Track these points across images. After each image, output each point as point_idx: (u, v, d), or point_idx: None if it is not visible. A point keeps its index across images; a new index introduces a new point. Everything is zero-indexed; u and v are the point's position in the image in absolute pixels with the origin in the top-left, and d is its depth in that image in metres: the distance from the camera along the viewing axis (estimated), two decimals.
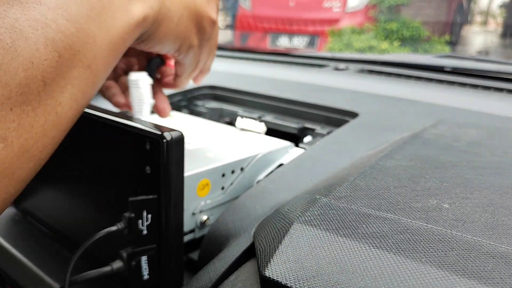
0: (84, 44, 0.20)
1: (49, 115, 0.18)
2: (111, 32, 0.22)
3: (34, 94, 0.17)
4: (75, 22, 0.20)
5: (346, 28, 3.15)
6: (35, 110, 0.17)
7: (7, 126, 0.16)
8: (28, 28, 0.17)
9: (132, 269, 0.27)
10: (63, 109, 0.19)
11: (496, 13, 3.58)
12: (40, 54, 0.17)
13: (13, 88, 0.16)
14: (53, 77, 0.18)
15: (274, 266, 0.19)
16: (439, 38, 3.17)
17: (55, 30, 0.18)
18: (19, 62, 0.16)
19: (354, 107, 0.51)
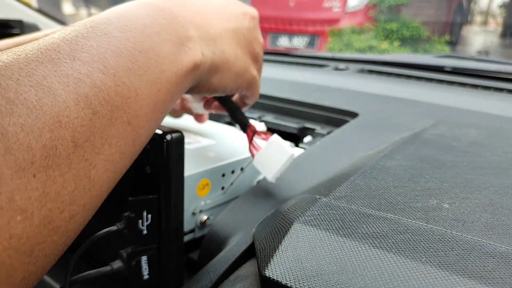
0: (124, 99, 0.18)
1: (80, 181, 0.16)
2: (156, 85, 0.20)
3: (62, 157, 0.15)
4: (114, 76, 0.18)
5: (346, 28, 3.15)
6: (63, 175, 0.15)
7: (27, 196, 0.13)
8: (57, 84, 0.15)
9: (132, 269, 0.27)
10: (98, 172, 0.17)
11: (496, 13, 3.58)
12: (69, 112, 0.15)
13: (36, 152, 0.14)
14: (86, 137, 0.16)
15: (274, 266, 0.19)
16: (439, 38, 3.17)
17: (89, 85, 0.17)
18: (44, 121, 0.14)
19: (354, 107, 0.51)
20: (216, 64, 0.26)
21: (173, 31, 0.22)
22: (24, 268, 0.14)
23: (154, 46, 0.21)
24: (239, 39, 0.29)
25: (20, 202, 0.13)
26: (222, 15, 0.28)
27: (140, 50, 0.20)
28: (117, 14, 0.21)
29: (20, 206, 0.13)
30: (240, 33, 0.29)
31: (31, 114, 0.14)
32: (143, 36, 0.20)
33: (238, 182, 0.38)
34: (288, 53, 0.91)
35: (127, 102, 0.18)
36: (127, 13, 0.21)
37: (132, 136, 0.19)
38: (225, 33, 0.27)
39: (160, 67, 0.21)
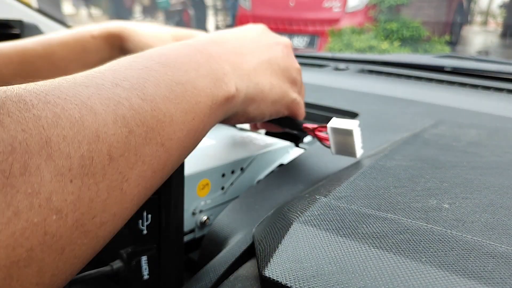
0: (160, 123, 0.20)
1: (113, 191, 0.17)
2: (190, 115, 0.22)
3: (98, 167, 0.16)
4: (151, 102, 0.19)
5: (346, 28, 3.15)
6: (97, 184, 0.16)
7: (64, 198, 0.15)
8: (99, 105, 0.17)
9: (132, 269, 0.27)
10: (130, 186, 0.18)
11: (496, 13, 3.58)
12: (107, 129, 0.17)
13: (75, 160, 0.15)
14: (121, 152, 0.17)
15: (274, 266, 0.19)
16: (439, 38, 3.17)
17: (127, 108, 0.18)
18: (84, 135, 0.16)
19: (354, 107, 0.51)
20: (251, 96, 0.29)
21: (209, 68, 0.25)
22: (54, 265, 0.15)
23: (191, 80, 0.23)
24: (273, 68, 0.31)
25: (57, 203, 0.14)
26: (256, 49, 0.31)
27: (178, 82, 0.22)
28: (158, 52, 0.23)
29: (56, 206, 0.14)
30: (274, 62, 0.31)
31: (73, 127, 0.15)
32: (181, 71, 0.23)
33: (238, 182, 0.38)
34: None
35: (162, 126, 0.20)
36: (168, 52, 0.24)
37: (164, 157, 0.20)
38: (259, 65, 0.30)
39: (195, 98, 0.23)
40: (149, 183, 0.19)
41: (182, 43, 0.26)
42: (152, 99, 0.20)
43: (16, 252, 0.13)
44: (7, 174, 0.13)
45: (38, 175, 0.14)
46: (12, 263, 0.13)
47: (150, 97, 0.20)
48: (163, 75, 0.21)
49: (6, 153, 0.13)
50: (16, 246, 0.13)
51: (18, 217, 0.13)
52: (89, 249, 0.17)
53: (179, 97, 0.21)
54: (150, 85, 0.20)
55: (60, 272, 0.15)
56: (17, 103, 0.14)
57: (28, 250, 0.14)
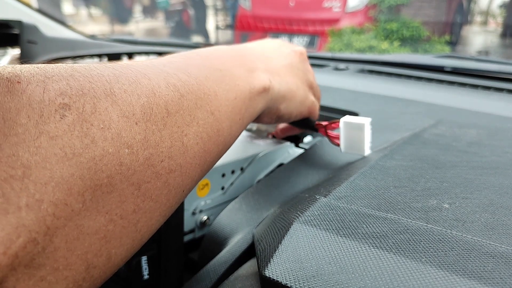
0: (205, 95, 0.22)
1: (175, 141, 0.19)
2: (232, 93, 0.25)
3: (158, 117, 0.18)
4: (195, 79, 0.22)
5: (346, 28, 3.15)
6: (160, 131, 0.18)
7: (132, 136, 0.17)
8: (152, 74, 0.20)
9: (132, 269, 0.27)
10: (189, 141, 0.20)
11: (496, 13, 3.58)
12: (160, 89, 0.19)
13: (136, 108, 0.17)
14: (177, 110, 0.20)
15: (274, 266, 0.19)
16: (439, 38, 3.17)
17: (176, 79, 0.21)
18: (142, 90, 0.18)
19: (354, 107, 0.51)
20: (282, 93, 0.32)
21: (243, 62, 0.28)
22: (133, 200, 0.17)
23: (228, 68, 0.26)
24: (295, 72, 0.34)
25: (126, 139, 0.16)
26: (279, 54, 0.34)
27: (216, 69, 0.25)
28: (197, 51, 0.27)
29: (126, 141, 0.16)
30: (295, 67, 0.35)
31: (132, 85, 0.18)
32: (218, 61, 0.26)
33: (238, 182, 0.38)
34: None
35: (208, 97, 0.22)
36: (205, 50, 0.27)
37: (216, 126, 0.22)
38: (284, 68, 0.33)
39: (234, 81, 0.25)
40: (206, 146, 0.22)
41: (217, 46, 0.29)
42: (196, 77, 0.22)
43: (98, 176, 0.15)
44: (80, 111, 0.15)
45: (107, 115, 0.16)
46: (96, 186, 0.15)
47: (194, 76, 0.22)
48: (203, 63, 0.24)
49: (78, 95, 0.15)
50: (97, 170, 0.15)
51: (95, 145, 0.15)
52: (162, 197, 0.18)
53: (219, 79, 0.24)
54: (193, 68, 0.23)
55: (141, 210, 0.17)
56: (83, 66, 0.17)
57: (108, 177, 0.15)
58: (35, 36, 0.74)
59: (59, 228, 0.14)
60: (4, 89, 0.14)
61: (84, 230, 0.14)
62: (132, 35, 4.94)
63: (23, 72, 0.15)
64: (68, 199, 0.14)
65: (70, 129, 0.14)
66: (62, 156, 0.14)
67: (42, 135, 0.14)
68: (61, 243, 0.14)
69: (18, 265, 0.12)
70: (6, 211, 0.12)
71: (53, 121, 0.14)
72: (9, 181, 0.13)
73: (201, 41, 3.74)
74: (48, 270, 0.13)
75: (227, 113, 0.24)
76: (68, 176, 0.14)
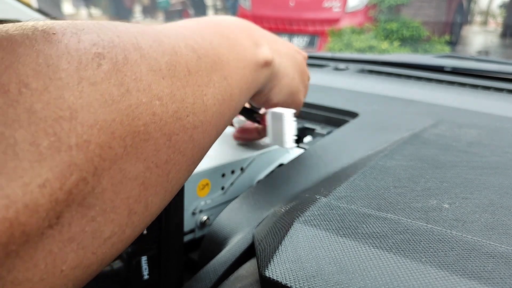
0: (219, 60, 0.23)
1: (196, 99, 0.20)
2: (241, 62, 0.26)
3: (181, 75, 0.19)
4: (210, 43, 0.23)
5: (346, 28, 3.15)
6: (184, 88, 0.19)
7: (161, 89, 0.17)
8: (171, 35, 0.20)
9: (132, 269, 0.27)
10: (209, 101, 0.21)
11: (496, 13, 3.58)
12: (181, 49, 0.20)
13: (162, 64, 0.18)
14: (196, 70, 0.20)
15: (274, 266, 0.19)
16: (439, 38, 3.17)
17: (193, 42, 0.22)
18: (164, 48, 0.19)
19: (354, 107, 0.51)
20: (280, 75, 0.33)
21: (251, 34, 0.30)
22: (166, 151, 0.18)
23: (237, 38, 0.27)
24: (295, 64, 0.35)
25: (156, 92, 0.17)
26: (283, 43, 0.35)
27: (227, 37, 0.26)
28: (207, 18, 0.28)
29: (156, 94, 0.17)
30: (296, 61, 0.36)
31: (155, 42, 0.19)
32: (228, 29, 0.27)
33: (238, 182, 0.38)
34: None
35: (222, 63, 0.23)
36: (215, 18, 0.28)
37: (229, 90, 0.24)
38: (286, 54, 0.34)
39: (243, 52, 0.27)
40: (222, 107, 0.23)
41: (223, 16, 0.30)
42: (210, 41, 0.23)
43: (136, 123, 0.16)
44: (114, 61, 0.16)
45: (137, 67, 0.17)
46: (135, 133, 0.16)
47: (208, 40, 0.23)
48: (215, 29, 0.26)
49: (109, 47, 0.16)
50: (134, 117, 0.16)
51: (130, 94, 0.16)
52: (187, 150, 0.19)
53: (230, 47, 0.25)
54: (206, 32, 0.24)
55: (172, 161, 0.18)
56: (109, 22, 0.18)
57: (144, 125, 0.16)
58: None
59: (105, 169, 0.14)
60: (42, 39, 0.14)
61: (126, 174, 0.15)
62: None
63: (56, 24, 0.15)
64: (112, 142, 0.15)
65: (107, 77, 0.15)
66: (103, 102, 0.15)
67: (83, 80, 0.14)
68: (107, 185, 0.15)
69: (72, 202, 0.13)
70: (59, 149, 0.13)
71: (91, 68, 0.15)
72: (59, 122, 0.13)
73: None
74: (98, 211, 0.14)
75: (237, 80, 0.25)
76: (110, 120, 0.15)
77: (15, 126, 0.12)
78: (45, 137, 0.13)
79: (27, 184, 0.12)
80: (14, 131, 0.12)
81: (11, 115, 0.12)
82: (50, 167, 0.13)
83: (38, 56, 0.14)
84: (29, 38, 0.14)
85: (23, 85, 0.13)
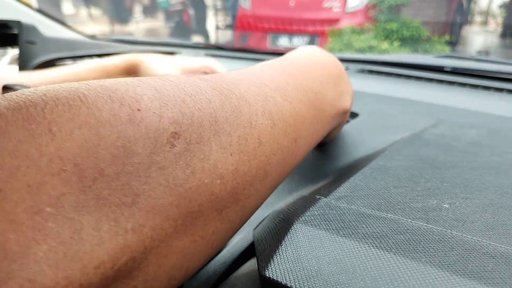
0: (295, 121, 0.23)
1: (259, 170, 0.20)
2: (316, 118, 0.26)
3: (250, 148, 0.19)
4: (290, 103, 0.23)
5: (346, 28, 3.15)
6: (250, 161, 0.19)
7: (226, 167, 0.17)
8: (252, 98, 0.21)
9: None
10: (271, 169, 0.21)
11: (496, 13, 3.58)
12: (257, 117, 0.20)
13: (233, 139, 0.18)
14: (267, 139, 0.21)
15: (274, 266, 0.19)
16: (439, 38, 3.17)
17: (272, 104, 0.22)
18: (241, 120, 0.19)
19: (354, 107, 0.51)
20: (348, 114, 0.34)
21: (337, 84, 0.30)
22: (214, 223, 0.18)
23: (322, 90, 0.28)
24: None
25: (221, 170, 0.17)
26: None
27: (312, 91, 0.26)
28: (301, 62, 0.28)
29: (220, 173, 0.17)
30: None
31: (233, 113, 0.19)
32: (316, 81, 0.27)
33: None
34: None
35: (296, 124, 0.23)
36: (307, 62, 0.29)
37: (295, 151, 0.24)
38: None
39: (323, 106, 0.27)
40: (284, 169, 0.23)
41: (314, 59, 0.31)
42: (292, 100, 0.23)
43: (191, 204, 0.16)
44: (188, 141, 0.16)
45: (208, 145, 0.17)
46: (187, 213, 0.16)
47: (290, 99, 0.23)
48: (302, 82, 0.26)
49: (187, 124, 0.16)
50: (191, 200, 0.16)
51: (194, 176, 0.16)
52: (236, 218, 0.19)
53: (311, 103, 0.25)
54: (291, 89, 0.24)
55: (219, 231, 0.18)
56: (193, 87, 0.18)
57: (199, 205, 0.16)
58: (34, 36, 0.74)
59: (153, 248, 0.15)
60: (126, 117, 0.14)
61: (171, 249, 0.16)
62: (132, 35, 4.94)
63: (144, 98, 0.15)
64: (164, 224, 0.15)
65: (176, 159, 0.15)
66: (165, 186, 0.15)
67: (153, 165, 0.15)
68: (152, 259, 0.15)
69: (119, 276, 0.14)
70: (117, 233, 0.14)
71: (163, 151, 0.15)
72: (120, 207, 0.14)
73: (201, 41, 3.74)
74: (140, 281, 0.15)
75: (307, 137, 0.25)
76: (167, 204, 0.15)
77: (83, 212, 0.13)
78: (106, 222, 0.13)
79: (85, 266, 0.13)
80: (81, 217, 0.13)
81: (82, 201, 0.13)
82: (106, 250, 0.13)
83: (119, 139, 0.14)
84: (114, 116, 0.14)
85: (98, 172, 0.13)
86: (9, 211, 0.12)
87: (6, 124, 0.12)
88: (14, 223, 0.12)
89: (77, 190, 0.13)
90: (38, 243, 0.12)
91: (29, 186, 0.12)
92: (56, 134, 0.13)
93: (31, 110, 0.13)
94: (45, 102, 0.13)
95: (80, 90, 0.14)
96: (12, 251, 0.12)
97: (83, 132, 0.13)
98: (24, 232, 0.12)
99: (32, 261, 0.12)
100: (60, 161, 0.13)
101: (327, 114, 0.28)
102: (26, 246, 0.12)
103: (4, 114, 0.13)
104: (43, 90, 0.14)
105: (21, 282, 0.12)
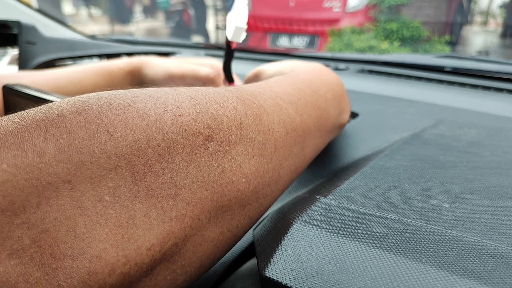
0: (303, 133, 0.26)
1: (274, 172, 0.22)
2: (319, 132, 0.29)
3: (268, 152, 0.22)
4: (300, 116, 0.26)
5: (346, 28, 3.15)
6: (268, 164, 0.22)
7: (249, 168, 0.20)
8: (269, 108, 0.23)
9: None
10: (284, 172, 0.23)
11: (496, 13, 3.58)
12: (274, 125, 0.23)
13: (255, 143, 0.21)
14: (281, 145, 0.23)
15: (274, 266, 0.19)
16: (439, 38, 3.17)
17: (286, 115, 0.24)
18: (262, 127, 0.21)
19: (354, 107, 0.51)
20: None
21: (339, 103, 0.33)
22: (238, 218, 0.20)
23: (327, 108, 0.30)
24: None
25: (245, 170, 0.20)
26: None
27: (319, 107, 0.29)
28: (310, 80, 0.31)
29: (245, 172, 0.20)
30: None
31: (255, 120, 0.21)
32: (323, 98, 0.30)
33: None
34: (288, 53, 0.91)
35: (304, 135, 0.26)
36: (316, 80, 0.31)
37: (302, 159, 0.26)
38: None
39: (326, 122, 0.30)
40: (293, 175, 0.25)
41: (322, 78, 0.33)
42: (301, 113, 0.26)
43: (222, 198, 0.18)
44: (219, 143, 0.18)
45: (235, 148, 0.19)
46: (218, 207, 0.18)
47: (300, 112, 0.26)
48: (311, 99, 0.28)
49: (218, 129, 0.18)
50: (222, 194, 0.18)
51: (224, 174, 0.18)
52: (255, 215, 0.21)
53: (317, 118, 0.28)
54: (301, 104, 0.27)
55: (241, 225, 0.20)
56: (221, 97, 0.20)
57: (228, 200, 0.19)
58: (34, 36, 0.74)
59: (191, 236, 0.17)
60: (169, 121, 0.17)
61: (205, 238, 0.18)
62: (132, 35, 4.94)
63: (183, 105, 0.18)
64: (201, 215, 0.17)
65: (209, 159, 0.18)
66: (202, 181, 0.17)
67: (191, 163, 0.17)
68: (190, 246, 0.17)
69: (164, 259, 0.16)
70: (163, 220, 0.16)
71: (198, 152, 0.17)
72: (166, 198, 0.16)
73: (201, 41, 3.74)
74: (178, 265, 0.17)
75: (312, 148, 0.28)
76: (204, 197, 0.17)
77: (135, 201, 0.15)
78: (154, 210, 0.15)
79: (140, 247, 0.15)
80: (134, 205, 0.15)
81: (134, 192, 0.15)
82: (155, 234, 0.15)
83: (164, 140, 0.16)
84: (160, 120, 0.16)
85: (147, 168, 0.15)
86: (76, 199, 0.14)
87: (71, 125, 0.14)
88: (81, 208, 0.14)
89: (130, 183, 0.15)
90: (101, 225, 0.14)
91: (91, 178, 0.14)
92: (113, 134, 0.15)
93: (90, 113, 0.15)
94: (100, 107, 0.15)
95: (128, 97, 0.16)
96: (81, 232, 0.14)
97: (135, 133, 0.15)
98: (90, 216, 0.14)
99: (97, 240, 0.14)
100: (116, 158, 0.15)
101: (328, 129, 0.31)
102: (92, 228, 0.14)
103: (68, 117, 0.15)
104: (96, 96, 0.16)
105: (90, 258, 0.14)
